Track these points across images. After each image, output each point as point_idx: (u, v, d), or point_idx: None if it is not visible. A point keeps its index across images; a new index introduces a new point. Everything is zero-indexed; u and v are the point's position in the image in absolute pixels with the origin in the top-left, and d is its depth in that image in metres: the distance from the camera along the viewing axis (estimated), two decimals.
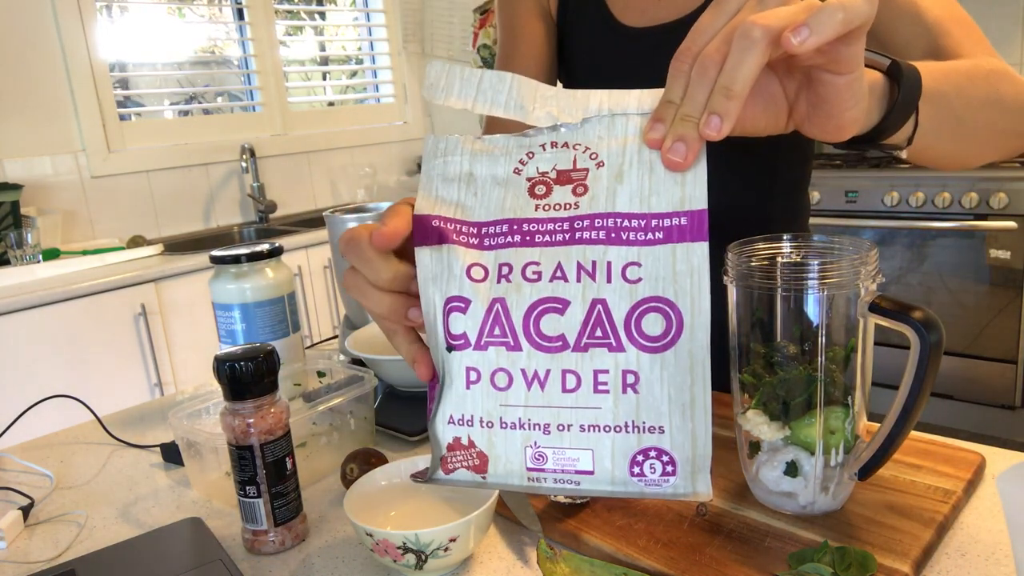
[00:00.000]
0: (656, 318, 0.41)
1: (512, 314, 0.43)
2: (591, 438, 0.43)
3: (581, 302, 0.41)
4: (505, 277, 0.43)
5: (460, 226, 0.45)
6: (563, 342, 0.42)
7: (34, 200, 2.36)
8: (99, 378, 2.01)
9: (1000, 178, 2.28)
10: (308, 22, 3.38)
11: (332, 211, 1.13)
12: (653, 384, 0.41)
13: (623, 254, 0.41)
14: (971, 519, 0.61)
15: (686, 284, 0.40)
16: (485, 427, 0.45)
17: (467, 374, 0.45)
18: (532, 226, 0.43)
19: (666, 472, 0.43)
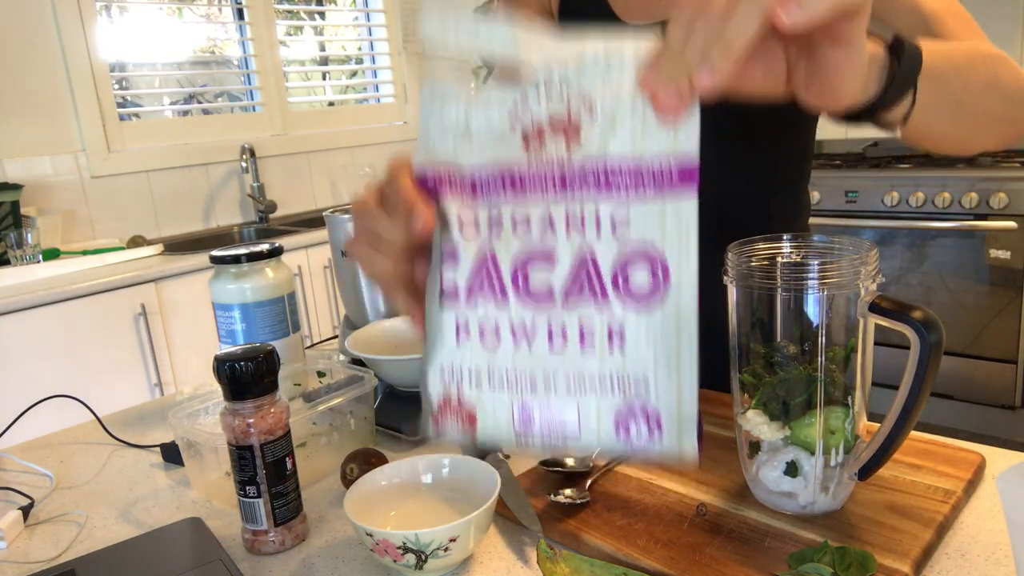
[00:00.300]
0: (643, 271, 0.40)
1: (501, 267, 0.43)
2: (578, 396, 0.43)
3: (569, 255, 0.41)
4: (495, 229, 0.43)
5: (453, 178, 0.45)
6: (551, 296, 0.42)
7: (34, 200, 2.36)
8: (99, 378, 2.01)
9: (1000, 178, 2.28)
10: (308, 22, 3.38)
11: (332, 211, 1.13)
12: (639, 340, 0.41)
13: (613, 208, 0.40)
14: (971, 519, 0.61)
15: (674, 238, 0.40)
16: (474, 384, 0.45)
17: (457, 329, 0.45)
18: (523, 177, 0.43)
19: (652, 433, 0.42)
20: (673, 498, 0.66)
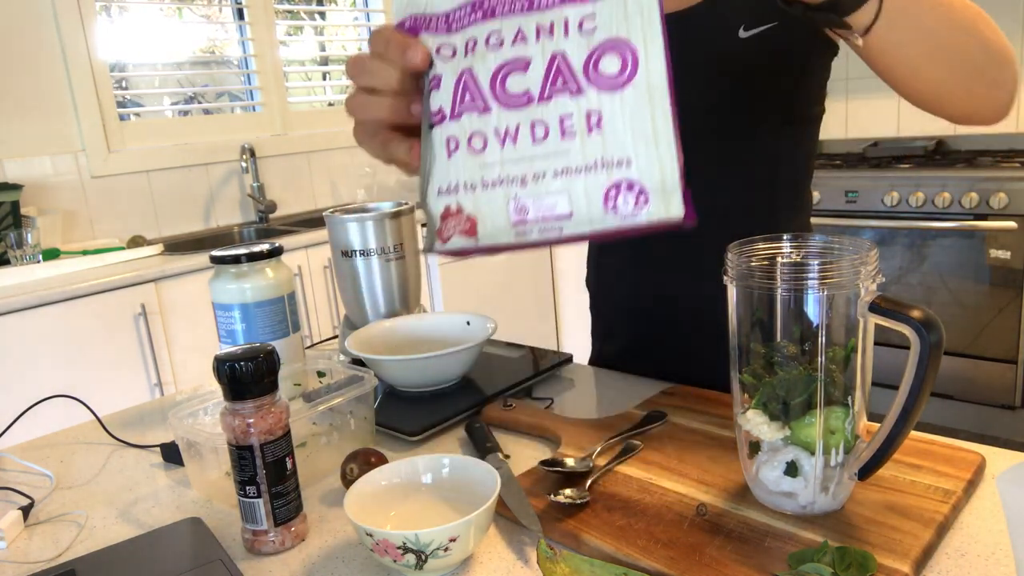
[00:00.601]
0: (612, 58, 0.42)
1: (479, 80, 0.46)
2: (565, 181, 0.45)
3: (541, 58, 0.44)
4: (470, 50, 0.46)
5: (429, 20, 0.48)
6: (528, 97, 0.45)
7: (34, 200, 2.36)
8: (99, 378, 2.01)
9: (1000, 178, 2.28)
10: (308, 22, 3.38)
11: (332, 211, 1.13)
12: (615, 120, 0.43)
13: (578, 10, 0.42)
14: (971, 519, 0.61)
15: (637, 21, 0.42)
16: (469, 190, 0.48)
17: (447, 144, 0.48)
18: (493, 3, 0.45)
19: (639, 202, 0.44)
20: (673, 498, 0.66)
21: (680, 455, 0.73)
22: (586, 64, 0.43)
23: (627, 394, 0.93)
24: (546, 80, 0.44)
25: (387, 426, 0.88)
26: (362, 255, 1.10)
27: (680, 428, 0.80)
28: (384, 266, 1.11)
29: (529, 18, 0.44)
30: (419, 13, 0.49)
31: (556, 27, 0.43)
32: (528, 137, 0.46)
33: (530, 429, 0.86)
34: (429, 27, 0.48)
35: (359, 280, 1.12)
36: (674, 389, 0.90)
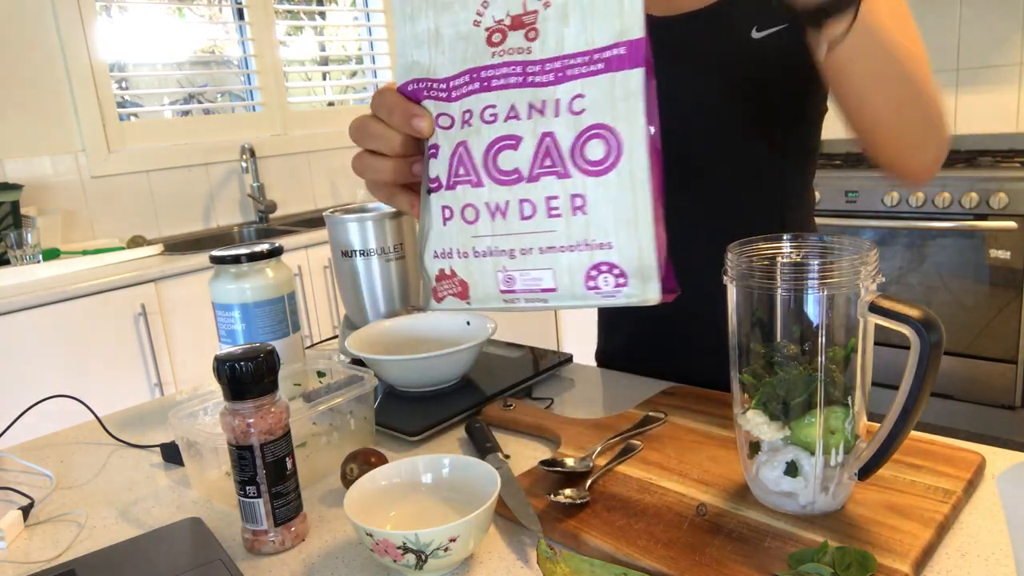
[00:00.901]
0: (598, 143, 0.44)
1: (473, 154, 0.48)
2: (550, 258, 0.48)
3: (532, 136, 0.46)
4: (467, 122, 0.48)
5: (431, 84, 0.50)
6: (518, 174, 0.47)
7: (34, 200, 2.36)
8: (99, 378, 2.01)
9: (1000, 178, 2.28)
10: (308, 22, 3.38)
11: (332, 211, 1.13)
12: (598, 205, 0.45)
13: (569, 89, 0.44)
14: (971, 519, 0.61)
15: (623, 108, 0.43)
16: (462, 257, 0.51)
17: (443, 212, 0.51)
18: (489, 72, 0.47)
19: (618, 283, 0.47)
20: (673, 498, 0.66)
21: (680, 455, 0.73)
22: (573, 147, 0.45)
23: (627, 394, 0.93)
24: (535, 159, 0.46)
25: (387, 426, 0.88)
26: (362, 255, 1.10)
27: (680, 428, 0.80)
28: (384, 266, 1.11)
29: (523, 94, 0.46)
30: (422, 77, 0.51)
31: (548, 106, 0.45)
32: (517, 214, 0.48)
33: (530, 429, 0.86)
34: (431, 93, 0.50)
35: (359, 280, 1.12)
36: (674, 389, 0.90)
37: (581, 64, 0.44)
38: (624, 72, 0.43)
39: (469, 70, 0.48)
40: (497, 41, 0.47)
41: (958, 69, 2.75)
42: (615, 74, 0.43)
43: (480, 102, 0.47)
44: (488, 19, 0.48)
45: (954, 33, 2.73)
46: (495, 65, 0.47)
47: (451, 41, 0.50)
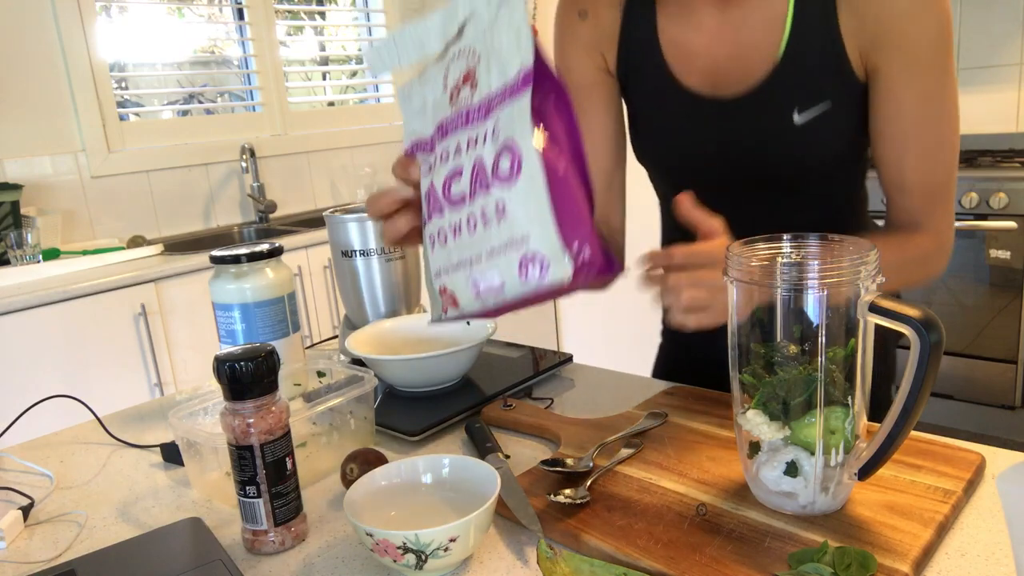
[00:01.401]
0: (506, 158, 0.53)
1: (437, 189, 0.58)
2: (493, 260, 0.57)
3: (469, 165, 0.55)
4: (435, 164, 0.58)
5: (424, 143, 0.61)
6: (463, 198, 0.56)
7: (34, 200, 2.36)
8: (99, 378, 2.01)
9: (1000, 178, 2.28)
10: (308, 22, 3.38)
11: (332, 211, 1.13)
12: (515, 207, 0.54)
13: (493, 119, 0.53)
14: (971, 519, 0.61)
15: (519, 124, 0.52)
16: (447, 273, 0.61)
17: (431, 239, 0.61)
18: (449, 123, 0.57)
19: (542, 270, 0.55)
20: (673, 498, 0.66)
21: (680, 455, 0.73)
22: (493, 165, 0.53)
23: (627, 394, 0.93)
24: (472, 183, 0.55)
25: (387, 426, 0.88)
26: (362, 255, 1.10)
27: (680, 428, 0.80)
28: (384, 266, 1.11)
29: (464, 132, 0.55)
30: (416, 139, 0.63)
31: (479, 138, 0.54)
32: (466, 229, 0.58)
33: (530, 429, 0.86)
34: (422, 148, 0.62)
35: (359, 280, 1.12)
36: (674, 389, 0.90)
37: (500, 97, 0.53)
38: (521, 94, 0.52)
39: (439, 126, 0.58)
40: (455, 96, 0.56)
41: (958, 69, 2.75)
42: (515, 100, 0.52)
43: (442, 147, 0.57)
44: (451, 81, 0.57)
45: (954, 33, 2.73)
46: (452, 116, 0.57)
47: (432, 107, 0.60)
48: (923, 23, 0.74)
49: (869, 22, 0.76)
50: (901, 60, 0.76)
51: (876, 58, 0.77)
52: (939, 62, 0.76)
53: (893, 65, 0.77)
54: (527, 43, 0.53)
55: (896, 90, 0.77)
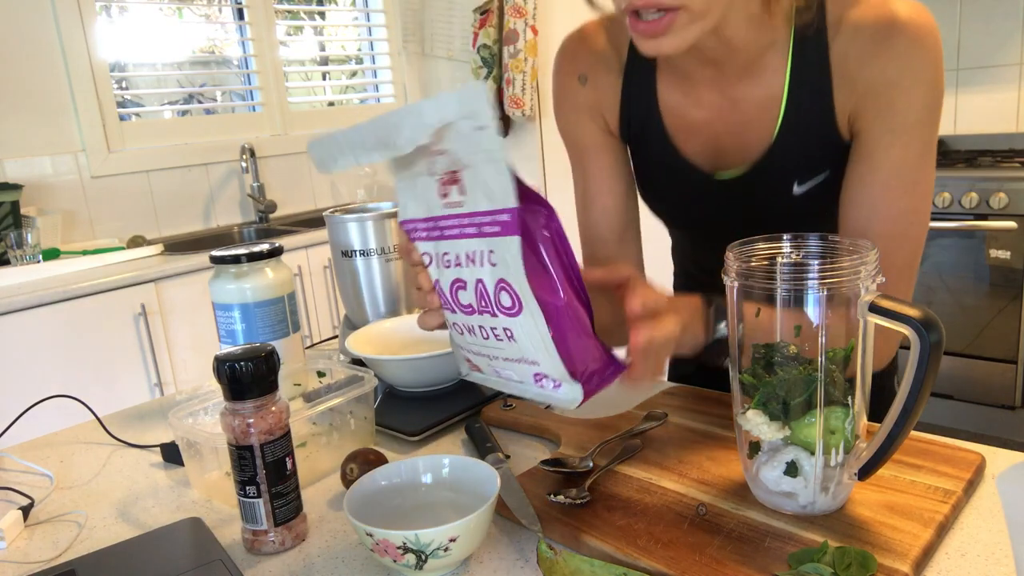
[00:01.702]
0: (505, 295, 0.55)
1: (444, 289, 0.60)
2: (511, 364, 0.61)
3: (471, 281, 0.57)
4: (436, 263, 0.60)
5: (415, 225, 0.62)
6: (471, 307, 0.58)
7: (34, 200, 2.36)
8: (99, 378, 2.01)
9: (1000, 178, 2.28)
10: (308, 22, 3.38)
11: (332, 211, 1.13)
12: (521, 336, 0.57)
13: (485, 244, 0.55)
14: (971, 519, 0.61)
15: (513, 269, 0.53)
16: (471, 353, 0.65)
17: (451, 324, 0.65)
18: (442, 223, 0.58)
19: (556, 386, 0.59)
20: (673, 498, 0.66)
21: (680, 455, 0.73)
22: (494, 294, 0.56)
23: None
24: (476, 299, 0.57)
25: (387, 426, 0.88)
26: (362, 255, 1.10)
27: (680, 428, 0.80)
28: (384, 266, 1.11)
29: (460, 245, 0.56)
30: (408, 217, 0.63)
31: (476, 256, 0.55)
32: (479, 335, 0.61)
33: (530, 429, 0.86)
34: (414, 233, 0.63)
35: (359, 280, 1.12)
36: (674, 389, 0.90)
37: (488, 223, 0.54)
38: (509, 238, 0.53)
39: (431, 217, 0.59)
40: (444, 193, 0.57)
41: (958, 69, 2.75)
42: (506, 238, 0.53)
43: (441, 248, 0.58)
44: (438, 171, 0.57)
45: (954, 33, 2.72)
46: (445, 216, 0.58)
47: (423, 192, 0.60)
48: (912, 94, 0.73)
49: (860, 88, 0.75)
50: (884, 124, 0.75)
51: (861, 121, 0.76)
52: (922, 134, 0.74)
53: (875, 128, 0.75)
54: (509, 187, 0.52)
55: (874, 152, 0.76)
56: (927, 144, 0.75)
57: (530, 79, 2.92)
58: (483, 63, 3.02)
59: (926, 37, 0.72)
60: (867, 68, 0.74)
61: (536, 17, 2.90)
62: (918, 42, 0.71)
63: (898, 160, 0.75)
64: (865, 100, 0.75)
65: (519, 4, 2.86)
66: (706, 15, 0.68)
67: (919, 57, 0.72)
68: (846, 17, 0.75)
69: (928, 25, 0.72)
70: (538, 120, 3.07)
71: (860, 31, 0.74)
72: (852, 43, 0.74)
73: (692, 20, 0.68)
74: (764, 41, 0.77)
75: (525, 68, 2.90)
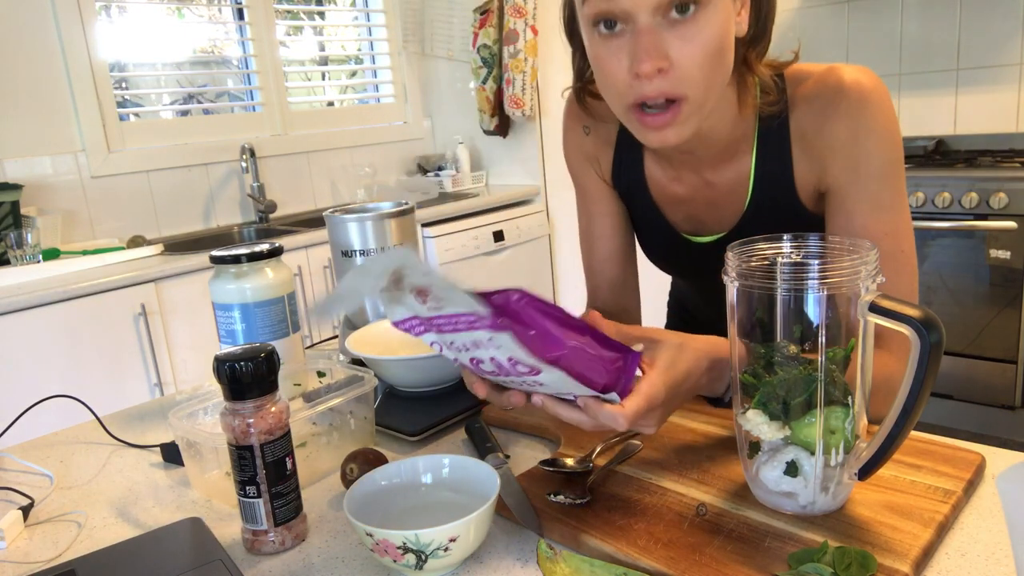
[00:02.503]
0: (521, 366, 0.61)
1: (466, 363, 0.65)
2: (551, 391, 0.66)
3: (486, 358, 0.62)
4: (447, 349, 0.64)
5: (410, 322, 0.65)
6: (495, 372, 0.63)
7: (34, 200, 2.36)
8: (99, 378, 2.01)
9: (1000, 178, 2.28)
10: (308, 22, 3.38)
11: (332, 211, 1.13)
12: (548, 382, 0.62)
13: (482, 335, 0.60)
14: (971, 519, 0.61)
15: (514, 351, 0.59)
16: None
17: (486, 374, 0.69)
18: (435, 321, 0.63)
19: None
20: (673, 498, 0.66)
21: (680, 455, 0.73)
22: (511, 365, 0.61)
23: None
24: (497, 367, 0.63)
25: (387, 426, 0.88)
26: (362, 255, 1.10)
27: (680, 428, 0.80)
28: None
29: (460, 336, 0.61)
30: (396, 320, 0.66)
31: (481, 343, 0.60)
32: (514, 385, 0.66)
33: (530, 429, 0.86)
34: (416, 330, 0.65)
35: None
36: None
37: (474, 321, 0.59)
38: (500, 333, 0.58)
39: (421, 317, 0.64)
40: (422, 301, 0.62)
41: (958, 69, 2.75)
42: (497, 333, 0.59)
43: (443, 338, 0.63)
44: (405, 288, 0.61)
45: (954, 33, 2.72)
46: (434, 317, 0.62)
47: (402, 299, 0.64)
48: (868, 145, 0.77)
49: (818, 152, 0.80)
50: (849, 177, 0.79)
51: (828, 179, 0.81)
52: (888, 182, 0.78)
53: (842, 182, 0.79)
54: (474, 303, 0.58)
55: (845, 203, 0.79)
56: (895, 190, 0.79)
57: (530, 79, 2.92)
58: (483, 63, 3.02)
59: (871, 93, 0.77)
60: (822, 133, 0.79)
61: (536, 17, 2.90)
62: (864, 99, 0.77)
63: (870, 208, 0.79)
64: (826, 161, 0.80)
65: (519, 4, 2.86)
66: (704, 105, 0.74)
67: (867, 112, 0.77)
68: (798, 93, 0.81)
69: (872, 82, 0.78)
70: (538, 120, 3.06)
71: (811, 103, 0.80)
72: (806, 116, 0.80)
73: (692, 111, 0.73)
74: (736, 134, 0.84)
75: (525, 68, 2.90)
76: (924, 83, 2.83)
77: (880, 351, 0.75)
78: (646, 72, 0.70)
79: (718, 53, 0.71)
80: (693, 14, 0.69)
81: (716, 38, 0.71)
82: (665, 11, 0.69)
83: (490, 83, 3.02)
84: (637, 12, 0.69)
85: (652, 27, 0.69)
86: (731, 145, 0.85)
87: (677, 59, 0.70)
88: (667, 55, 0.70)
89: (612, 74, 0.73)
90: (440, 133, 3.48)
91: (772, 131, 0.83)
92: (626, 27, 0.71)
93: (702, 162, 0.87)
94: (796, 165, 0.83)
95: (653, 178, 0.94)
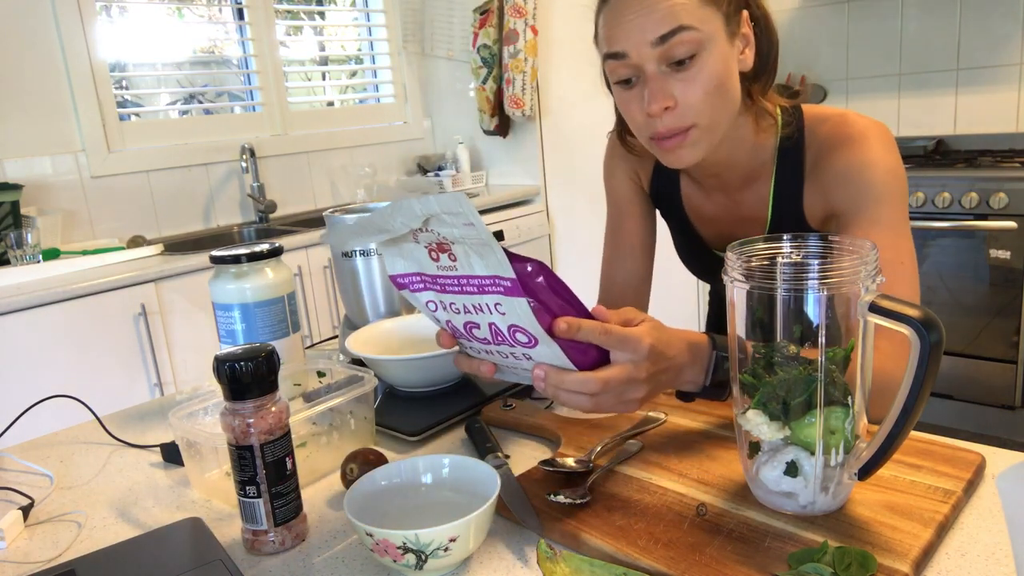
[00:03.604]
0: (521, 335, 0.65)
1: (458, 327, 0.69)
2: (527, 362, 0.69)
3: (484, 323, 0.66)
4: (443, 309, 0.68)
5: (409, 277, 0.69)
6: (487, 339, 0.67)
7: (34, 200, 2.36)
8: (99, 378, 2.01)
9: (1000, 178, 2.28)
10: (308, 22, 3.38)
11: (332, 211, 1.13)
12: (539, 357, 0.66)
13: (491, 299, 0.63)
14: (971, 519, 0.61)
15: (522, 319, 0.63)
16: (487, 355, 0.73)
17: (466, 347, 0.73)
18: (440, 280, 0.66)
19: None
20: (673, 498, 0.66)
21: (680, 455, 0.73)
22: (509, 333, 0.65)
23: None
24: (491, 335, 0.66)
25: (387, 426, 0.88)
26: (362, 255, 1.10)
27: (680, 428, 0.80)
28: (384, 266, 1.11)
29: (464, 298, 0.65)
30: (397, 273, 0.70)
31: (484, 307, 0.64)
32: (497, 356, 0.70)
33: (530, 429, 0.86)
34: (413, 286, 0.69)
35: (359, 280, 1.12)
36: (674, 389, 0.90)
37: (489, 284, 0.62)
38: (517, 299, 0.61)
39: (426, 274, 0.67)
40: (435, 257, 0.65)
41: (958, 69, 2.75)
42: (513, 299, 0.61)
43: (443, 298, 0.66)
44: (422, 241, 0.65)
45: (954, 33, 2.72)
46: (441, 275, 0.65)
47: (412, 254, 0.68)
48: (870, 173, 0.86)
49: (827, 182, 0.89)
50: (853, 200, 0.87)
51: (835, 202, 0.89)
52: (887, 202, 0.85)
53: (848, 204, 0.87)
54: (504, 262, 0.60)
55: (851, 222, 0.86)
56: (895, 212, 0.86)
57: (530, 79, 2.91)
58: (483, 63, 3.02)
59: (874, 133, 0.88)
60: (831, 166, 0.89)
61: (536, 17, 2.90)
62: (868, 136, 0.88)
63: (869, 223, 0.85)
64: (832, 188, 0.89)
65: (519, 4, 2.86)
66: (713, 129, 0.86)
67: (870, 146, 0.87)
68: (816, 133, 0.92)
69: (878, 127, 0.89)
70: (538, 120, 3.06)
71: (824, 142, 0.91)
72: (820, 154, 0.91)
73: (701, 135, 0.85)
74: (756, 161, 0.95)
75: (525, 68, 2.90)
76: (924, 83, 2.83)
77: (880, 351, 0.75)
78: (655, 111, 0.83)
79: (719, 89, 0.83)
80: (691, 62, 0.81)
81: (715, 77, 0.82)
82: (668, 61, 0.82)
83: (490, 83, 3.02)
84: (644, 64, 0.82)
85: (658, 75, 0.83)
86: (753, 170, 0.96)
87: (681, 98, 0.83)
88: (672, 95, 0.83)
89: (632, 115, 0.88)
90: (440, 133, 3.48)
91: (790, 158, 0.93)
92: (638, 80, 0.85)
93: (728, 184, 0.99)
94: (806, 191, 0.93)
95: (687, 196, 1.06)
